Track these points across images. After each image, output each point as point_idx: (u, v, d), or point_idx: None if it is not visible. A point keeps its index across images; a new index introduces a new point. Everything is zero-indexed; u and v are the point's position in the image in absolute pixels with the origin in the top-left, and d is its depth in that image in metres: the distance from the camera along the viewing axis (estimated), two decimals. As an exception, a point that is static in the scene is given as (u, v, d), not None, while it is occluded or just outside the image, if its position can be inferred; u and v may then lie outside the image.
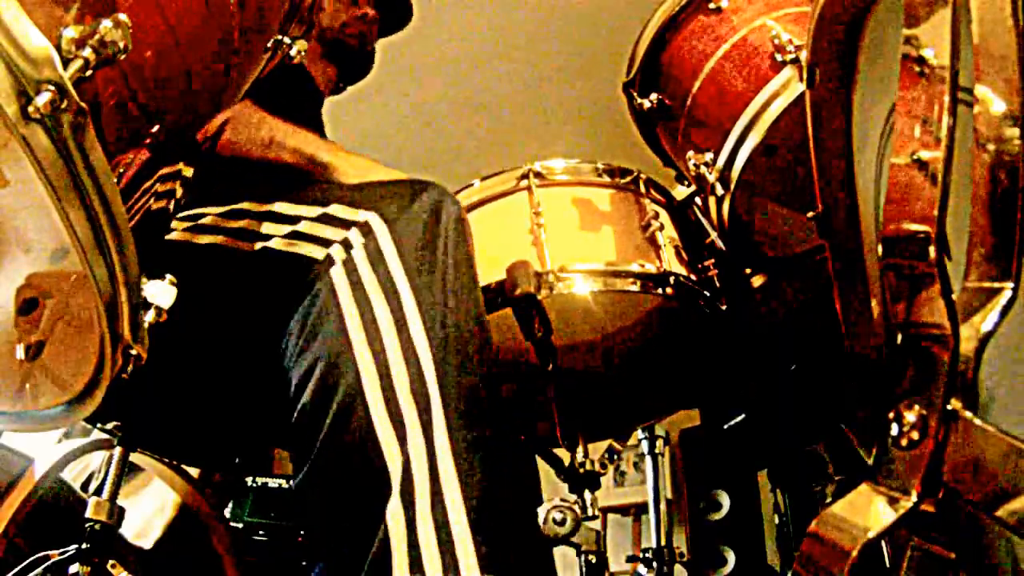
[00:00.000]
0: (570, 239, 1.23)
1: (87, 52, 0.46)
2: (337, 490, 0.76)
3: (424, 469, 0.72)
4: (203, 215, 1.00)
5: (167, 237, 0.98)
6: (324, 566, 0.75)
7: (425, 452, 0.73)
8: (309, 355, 0.82)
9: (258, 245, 0.94)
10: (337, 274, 0.85)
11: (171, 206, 0.83)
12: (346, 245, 0.88)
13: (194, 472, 1.59)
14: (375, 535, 0.70)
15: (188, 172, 0.83)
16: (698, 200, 1.43)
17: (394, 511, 0.70)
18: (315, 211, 0.93)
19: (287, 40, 0.79)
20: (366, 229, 0.89)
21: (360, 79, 1.68)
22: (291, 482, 2.26)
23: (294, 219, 0.94)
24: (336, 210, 0.92)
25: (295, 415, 0.82)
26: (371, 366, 0.78)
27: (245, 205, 0.99)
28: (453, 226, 0.91)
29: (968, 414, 0.43)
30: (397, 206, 0.91)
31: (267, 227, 0.95)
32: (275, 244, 0.93)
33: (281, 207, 0.96)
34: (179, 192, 0.82)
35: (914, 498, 0.44)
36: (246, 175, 1.18)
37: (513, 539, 0.75)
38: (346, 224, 0.90)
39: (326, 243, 0.89)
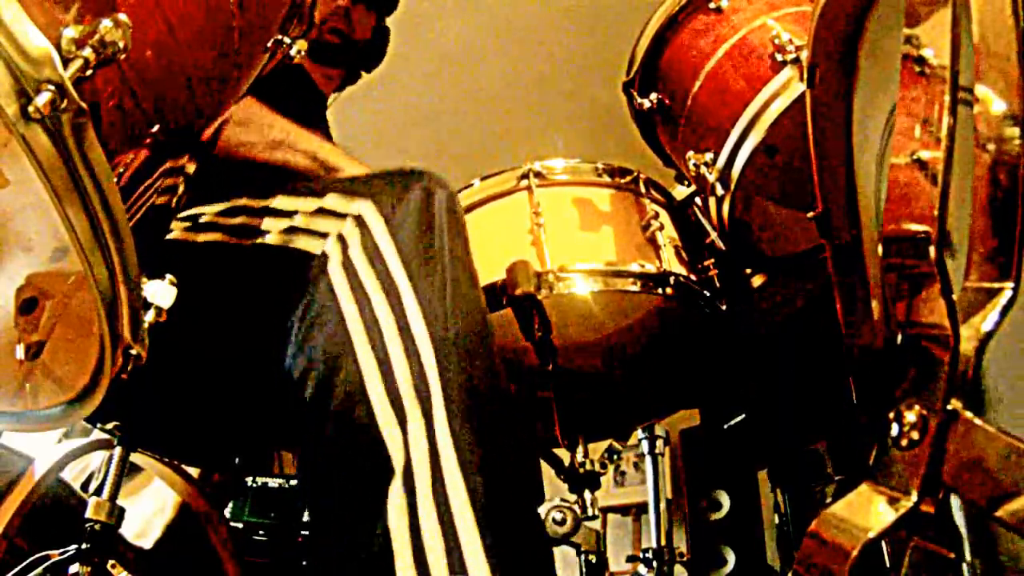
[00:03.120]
0: (570, 239, 1.23)
1: (87, 52, 0.46)
2: (340, 484, 0.75)
3: (425, 459, 0.72)
4: (201, 214, 1.00)
5: (166, 237, 0.98)
6: (329, 558, 0.75)
7: (427, 442, 0.73)
8: (309, 352, 0.82)
9: (256, 241, 0.94)
10: (335, 271, 0.85)
11: (173, 202, 0.83)
12: (341, 240, 0.88)
13: (194, 472, 1.59)
14: (377, 527, 0.70)
15: (191, 168, 0.83)
16: (698, 200, 1.43)
17: (396, 503, 0.70)
18: (311, 204, 0.93)
19: (287, 40, 0.79)
20: (360, 221, 0.89)
21: (368, 69, 1.66)
22: (292, 482, 2.26)
23: (291, 214, 0.94)
24: (331, 201, 0.92)
25: (296, 410, 0.82)
26: (372, 362, 0.78)
27: (243, 202, 0.99)
28: (446, 213, 0.91)
29: (968, 414, 0.43)
30: (391, 196, 0.91)
31: (265, 223, 0.95)
32: (272, 239, 0.93)
33: (278, 202, 0.96)
34: (181, 188, 0.82)
35: (914, 498, 0.44)
36: (246, 173, 1.18)
37: (517, 529, 0.74)
38: (341, 216, 0.90)
39: (323, 236, 0.89)
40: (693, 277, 1.27)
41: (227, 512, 2.02)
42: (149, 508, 1.65)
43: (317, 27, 1.53)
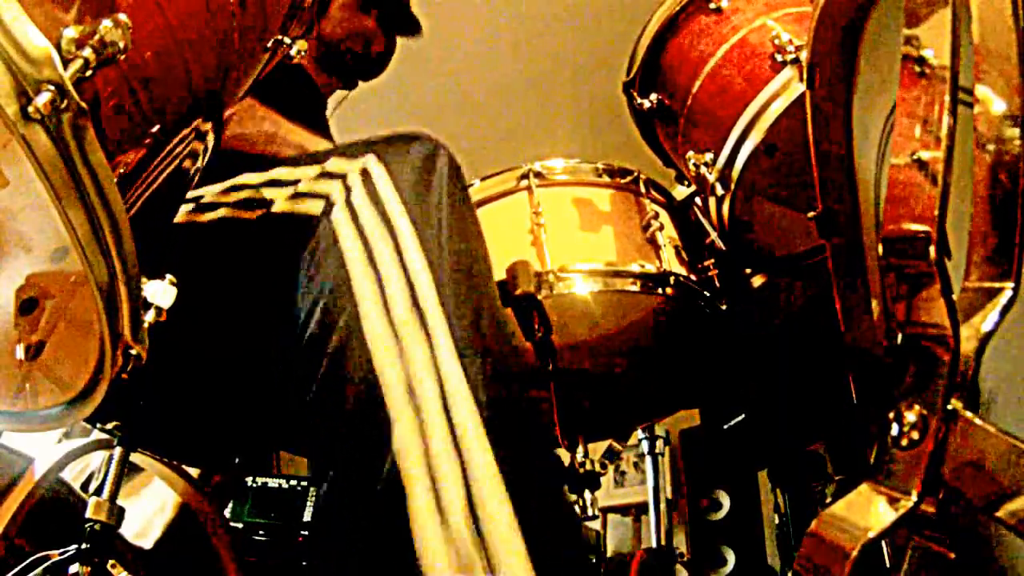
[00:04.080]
0: (570, 239, 1.23)
1: (87, 52, 0.46)
2: (343, 417, 0.74)
3: (430, 377, 0.71)
4: (202, 195, 0.99)
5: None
6: (330, 497, 0.73)
7: (430, 359, 0.72)
8: (311, 290, 0.82)
9: (261, 211, 0.94)
10: (338, 213, 0.86)
11: (192, 170, 0.82)
12: (346, 187, 0.89)
13: (194, 472, 1.59)
14: (384, 455, 0.68)
15: (211, 139, 0.83)
16: (698, 200, 1.43)
17: (404, 430, 0.69)
18: (314, 170, 0.94)
19: (287, 40, 0.79)
20: (364, 171, 0.90)
21: (364, 80, 1.67)
22: (292, 482, 2.26)
23: (294, 182, 0.94)
24: (333, 164, 0.93)
25: (302, 349, 0.81)
26: (369, 289, 0.78)
27: (244, 178, 0.99)
28: (447, 169, 0.92)
29: (968, 414, 0.43)
30: (393, 150, 0.92)
31: (268, 192, 0.95)
32: (278, 207, 0.93)
33: (280, 173, 0.97)
34: (201, 157, 0.82)
35: (914, 498, 0.44)
36: (243, 160, 1.18)
37: (525, 442, 0.74)
38: (344, 175, 0.91)
39: (326, 197, 0.90)
40: (693, 277, 1.27)
41: (227, 512, 2.02)
42: (149, 508, 1.65)
43: (336, 42, 1.54)
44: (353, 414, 0.73)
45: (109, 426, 1.21)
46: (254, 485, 2.18)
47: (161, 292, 0.57)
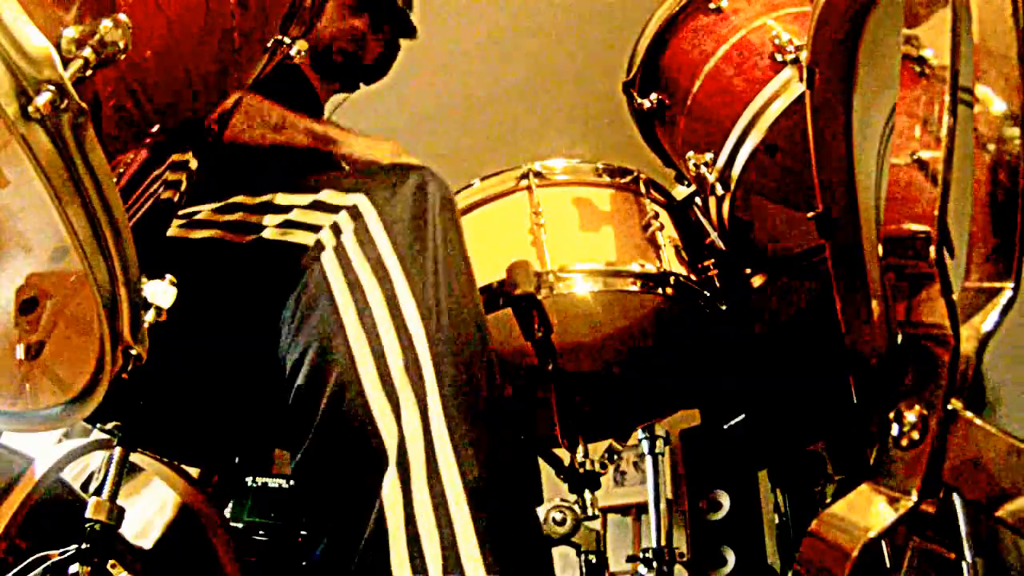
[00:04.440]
0: (570, 239, 1.23)
1: (87, 52, 0.46)
2: (334, 470, 0.75)
3: (419, 445, 0.72)
4: (197, 211, 1.00)
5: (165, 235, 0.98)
6: (323, 548, 0.75)
7: (421, 428, 0.73)
8: (302, 339, 0.82)
9: (252, 237, 0.94)
10: (328, 259, 0.86)
11: (176, 197, 0.83)
12: (335, 230, 0.88)
13: (194, 472, 1.58)
14: (371, 511, 0.69)
15: (194, 164, 0.83)
16: (698, 200, 1.43)
17: (390, 486, 0.70)
18: (307, 199, 0.94)
19: (287, 40, 0.79)
20: (355, 212, 0.89)
21: (366, 83, 1.67)
22: (292, 482, 2.26)
23: (287, 208, 0.94)
24: (326, 196, 0.93)
25: (291, 399, 0.82)
26: (364, 346, 0.78)
27: (240, 199, 0.99)
28: (439, 204, 0.91)
29: (968, 414, 0.43)
30: (384, 189, 0.91)
31: (261, 218, 0.95)
32: (268, 234, 0.93)
33: (274, 198, 0.97)
34: (184, 184, 0.82)
35: (914, 498, 0.44)
36: (244, 167, 1.18)
37: (511, 515, 0.74)
38: (335, 208, 0.91)
39: (316, 229, 0.90)
40: (693, 277, 1.27)
41: (227, 512, 2.02)
42: (149, 508, 1.65)
43: (327, 44, 1.54)
44: (346, 467, 0.74)
45: (109, 426, 1.21)
46: (254, 485, 2.17)
47: (161, 292, 0.57)
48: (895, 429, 0.45)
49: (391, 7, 1.61)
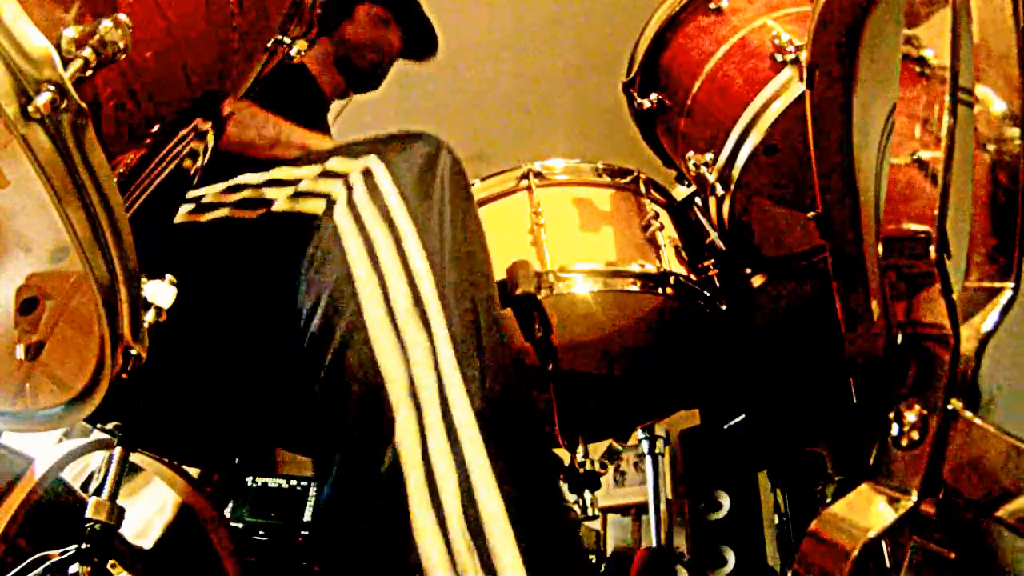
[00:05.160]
0: (570, 239, 1.23)
1: (87, 52, 0.46)
2: (345, 412, 0.76)
3: (431, 380, 0.73)
4: (203, 195, 1.00)
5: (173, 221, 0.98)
6: (333, 486, 0.75)
7: (432, 361, 0.74)
8: (315, 288, 0.83)
9: (262, 211, 0.94)
10: (340, 212, 0.87)
11: (193, 169, 0.83)
12: (347, 185, 0.89)
13: (194, 472, 1.59)
14: (386, 449, 0.70)
15: (211, 140, 0.83)
16: (698, 200, 1.43)
17: (404, 424, 0.71)
18: (315, 170, 0.94)
19: (287, 40, 0.79)
20: (366, 171, 0.90)
21: (362, 92, 1.68)
22: (292, 482, 2.26)
23: (295, 181, 0.95)
24: (334, 164, 0.93)
25: (305, 346, 0.82)
26: (372, 288, 0.79)
27: (244, 179, 0.99)
28: (450, 168, 0.92)
29: (968, 414, 0.43)
30: (394, 149, 0.93)
31: (269, 192, 0.95)
32: (279, 206, 0.93)
33: (280, 172, 0.97)
34: (201, 157, 0.82)
35: (914, 498, 0.44)
36: (247, 162, 1.18)
37: (520, 440, 0.76)
38: (345, 174, 0.91)
39: (327, 196, 0.90)
40: (693, 277, 1.27)
41: (227, 512, 2.02)
42: (149, 508, 1.65)
43: (358, 48, 1.55)
44: (357, 408, 0.74)
45: (109, 426, 1.21)
46: (254, 485, 2.18)
47: (161, 292, 0.57)
48: (895, 429, 0.45)
49: (424, 26, 1.63)
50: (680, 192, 1.47)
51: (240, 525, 2.10)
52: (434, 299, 0.78)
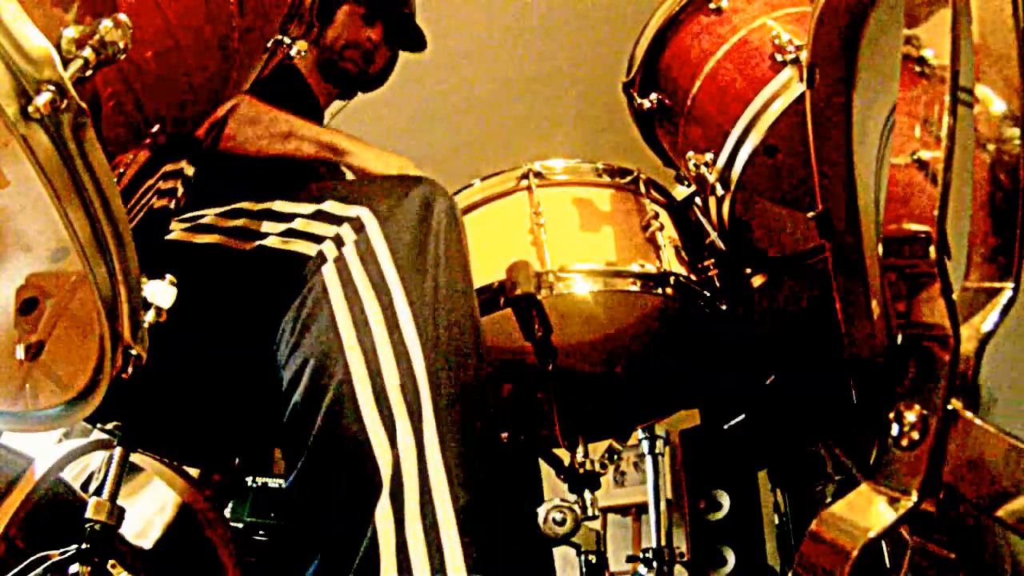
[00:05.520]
0: (570, 239, 1.23)
1: (87, 52, 0.46)
2: (328, 489, 0.75)
3: (413, 468, 0.72)
4: (202, 215, 1.00)
5: (167, 237, 0.98)
6: (316, 566, 0.75)
7: (415, 451, 0.73)
8: (300, 353, 0.82)
9: (254, 244, 0.94)
10: (329, 272, 0.85)
11: (172, 205, 0.83)
12: (337, 242, 0.88)
13: (194, 472, 1.59)
14: (364, 535, 0.70)
15: (190, 171, 0.83)
16: (698, 200, 1.43)
17: (383, 511, 0.70)
18: (310, 208, 0.93)
19: (287, 40, 0.79)
20: (358, 225, 0.89)
21: (364, 92, 1.68)
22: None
23: (290, 216, 0.94)
24: (329, 206, 0.92)
25: (287, 414, 0.82)
26: (361, 364, 0.78)
27: (244, 205, 0.99)
28: (445, 222, 0.91)
29: (968, 414, 0.43)
30: (389, 202, 0.91)
31: (264, 226, 0.95)
32: (270, 242, 0.93)
33: (278, 205, 0.97)
34: (180, 191, 0.82)
35: (914, 498, 0.44)
36: (248, 174, 1.18)
37: (503, 541, 0.75)
38: (338, 220, 0.90)
39: (319, 239, 0.89)
40: (693, 277, 1.27)
41: (227, 512, 2.02)
42: (149, 508, 1.65)
43: (339, 52, 1.54)
44: (341, 487, 0.74)
45: (109, 426, 1.21)
46: (254, 485, 2.17)
47: (161, 292, 0.57)
48: (895, 429, 0.45)
49: (404, 20, 1.61)
50: (680, 192, 1.47)
51: (240, 525, 2.10)
52: (424, 379, 0.77)
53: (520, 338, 1.18)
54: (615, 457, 1.40)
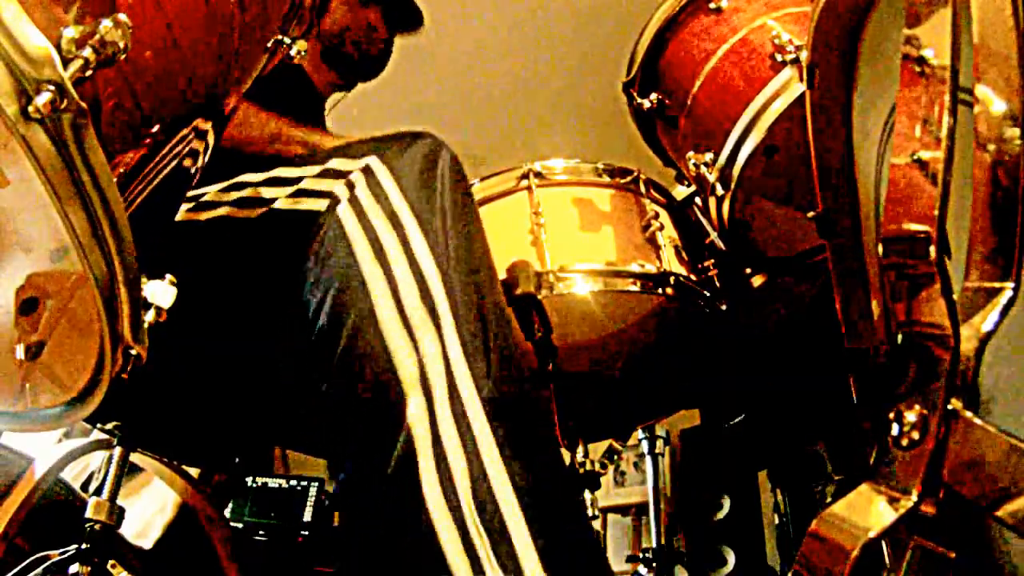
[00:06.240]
0: (570, 239, 1.23)
1: (87, 52, 0.46)
2: (357, 401, 0.78)
3: (440, 368, 0.75)
4: (203, 193, 1.00)
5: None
6: (349, 472, 0.77)
7: (440, 353, 0.76)
8: (322, 284, 0.85)
9: (262, 209, 0.95)
10: (343, 210, 0.88)
11: (193, 169, 0.83)
12: (349, 185, 0.91)
13: (194, 472, 1.58)
14: (398, 435, 0.72)
15: (212, 139, 0.83)
16: (698, 200, 1.43)
17: (415, 406, 0.73)
18: (315, 169, 0.95)
19: (287, 40, 0.79)
20: (367, 170, 0.92)
21: (364, 81, 1.68)
22: (292, 482, 2.26)
23: (296, 179, 0.96)
24: (335, 163, 0.95)
25: (313, 338, 0.84)
26: (380, 283, 0.81)
27: (245, 177, 0.99)
28: (449, 168, 0.94)
29: (968, 414, 0.43)
30: (394, 149, 0.94)
31: (269, 191, 0.96)
32: (280, 204, 0.95)
33: (282, 171, 0.98)
34: (201, 159, 0.82)
35: (914, 498, 0.44)
36: (245, 159, 1.18)
37: (527, 428, 0.78)
38: (346, 173, 0.93)
39: (328, 195, 0.91)
40: (693, 277, 1.27)
41: (227, 512, 2.02)
42: (149, 508, 1.65)
43: (339, 36, 1.54)
44: (369, 395, 0.77)
45: (109, 426, 1.21)
46: (254, 485, 2.18)
47: (161, 292, 0.57)
48: (895, 429, 0.45)
49: None
50: (680, 192, 1.47)
51: (240, 525, 2.10)
52: (441, 293, 0.80)
53: (520, 338, 1.18)
54: (615, 457, 1.40)
